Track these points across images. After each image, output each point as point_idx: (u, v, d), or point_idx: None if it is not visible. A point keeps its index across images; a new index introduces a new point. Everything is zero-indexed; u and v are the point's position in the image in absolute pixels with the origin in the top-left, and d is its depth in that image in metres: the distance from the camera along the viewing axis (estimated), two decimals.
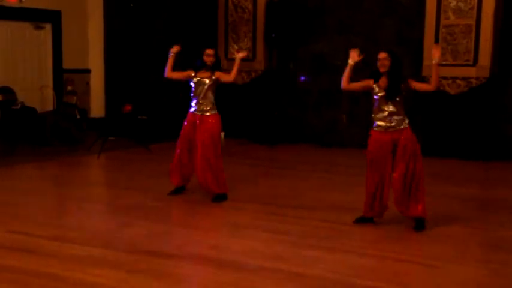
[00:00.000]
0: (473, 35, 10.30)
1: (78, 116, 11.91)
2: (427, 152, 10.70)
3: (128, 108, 10.81)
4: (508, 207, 7.35)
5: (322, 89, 12.01)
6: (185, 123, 7.36)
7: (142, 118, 10.12)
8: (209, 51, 7.24)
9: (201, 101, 7.24)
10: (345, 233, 6.12)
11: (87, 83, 13.00)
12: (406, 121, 6.18)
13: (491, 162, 10.26)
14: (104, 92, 13.62)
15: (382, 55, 6.11)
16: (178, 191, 7.54)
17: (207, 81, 7.22)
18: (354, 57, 6.18)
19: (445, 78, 10.56)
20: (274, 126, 12.07)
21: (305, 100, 12.24)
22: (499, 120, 10.60)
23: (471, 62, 10.36)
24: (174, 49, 7.30)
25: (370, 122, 6.34)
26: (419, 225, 6.18)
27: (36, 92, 12.53)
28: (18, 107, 11.50)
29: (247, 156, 10.78)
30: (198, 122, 7.25)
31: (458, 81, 10.50)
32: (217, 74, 7.29)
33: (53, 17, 12.66)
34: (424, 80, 10.72)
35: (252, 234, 6.03)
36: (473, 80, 10.39)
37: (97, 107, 13.54)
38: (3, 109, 11.27)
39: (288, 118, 12.32)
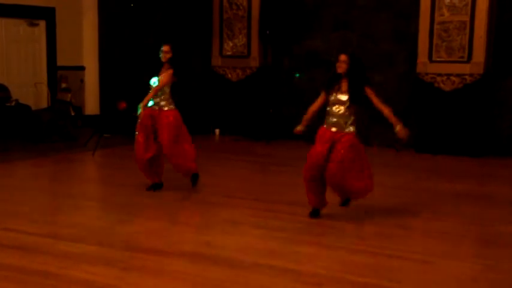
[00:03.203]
0: (467, 31, 10.32)
1: (72, 113, 11.90)
2: (422, 149, 10.78)
3: (122, 105, 10.79)
4: (503, 203, 7.39)
5: (317, 85, 11.99)
6: (142, 118, 7.38)
7: (137, 115, 10.06)
8: (164, 48, 7.29)
9: (157, 96, 7.31)
10: (339, 229, 6.13)
11: (82, 80, 12.98)
12: (352, 128, 6.18)
13: (485, 159, 10.29)
14: (98, 89, 13.60)
15: (342, 57, 6.14)
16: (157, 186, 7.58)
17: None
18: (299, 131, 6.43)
19: (439, 75, 10.60)
20: (269, 123, 12.08)
21: (300, 96, 12.24)
22: (494, 117, 10.63)
23: (465, 59, 10.38)
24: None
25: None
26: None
27: (31, 89, 12.51)
28: (13, 104, 11.48)
29: (242, 153, 10.78)
30: (156, 115, 7.31)
31: (453, 78, 10.52)
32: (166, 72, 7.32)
33: (47, 14, 12.62)
34: (418, 76, 10.76)
35: (246, 230, 6.04)
36: (468, 77, 10.41)
37: (92, 104, 13.51)
38: None
39: (283, 114, 12.32)
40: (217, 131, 12.70)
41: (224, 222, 6.36)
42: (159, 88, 7.29)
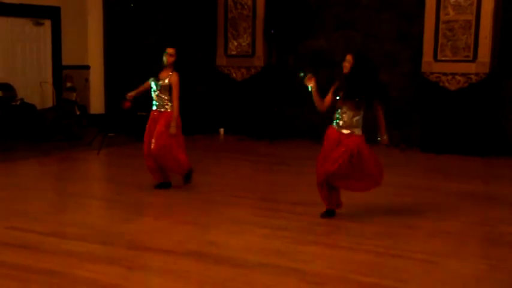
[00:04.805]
0: (472, 30, 10.30)
1: (77, 112, 11.92)
2: (427, 148, 10.77)
3: (127, 104, 10.81)
4: (508, 203, 7.36)
5: (321, 84, 11.98)
6: (148, 122, 7.52)
7: (141, 114, 10.09)
8: (169, 51, 7.32)
9: (159, 99, 7.39)
10: (343, 229, 6.12)
11: (87, 80, 13.01)
12: (357, 131, 6.16)
13: (490, 158, 10.27)
14: (103, 88, 13.63)
15: (347, 57, 6.14)
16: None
17: (166, 81, 7.33)
18: (310, 83, 6.38)
19: (444, 74, 10.57)
20: (273, 122, 12.08)
21: (304, 96, 12.22)
22: (499, 116, 10.60)
23: (471, 58, 10.35)
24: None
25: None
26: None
27: (36, 89, 12.54)
28: (18, 103, 11.52)
29: (246, 152, 10.78)
30: (157, 117, 7.42)
31: (458, 77, 10.50)
32: (174, 78, 7.32)
33: (52, 14, 12.66)
34: (423, 75, 10.75)
35: (250, 230, 6.04)
36: (473, 76, 10.39)
37: (97, 104, 13.54)
38: (2, 106, 11.27)
39: (287, 114, 12.31)
40: (221, 130, 12.71)
41: (228, 221, 6.36)
42: (177, 97, 7.33)
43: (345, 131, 6.18)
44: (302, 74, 11.93)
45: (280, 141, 11.85)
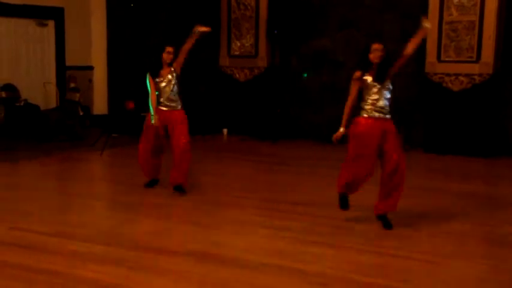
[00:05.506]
0: (476, 31, 10.28)
1: (81, 113, 11.95)
2: (430, 149, 10.76)
3: (130, 105, 10.84)
4: (509, 203, 7.36)
5: (325, 85, 12.01)
6: (155, 120, 7.38)
7: (145, 115, 10.10)
8: (169, 49, 7.37)
9: (172, 97, 7.35)
10: (346, 229, 6.12)
11: (90, 80, 13.04)
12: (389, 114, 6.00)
13: (493, 159, 10.25)
14: (107, 89, 13.65)
15: (379, 46, 5.93)
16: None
17: (170, 76, 7.32)
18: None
19: (447, 74, 10.56)
20: (276, 123, 12.08)
21: (307, 96, 12.25)
22: (502, 117, 10.59)
23: (474, 59, 10.34)
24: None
25: None
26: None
27: (40, 89, 12.57)
28: (22, 104, 11.55)
29: (249, 153, 10.79)
30: (168, 116, 7.34)
31: (461, 78, 10.49)
32: (174, 65, 7.39)
33: (55, 14, 12.69)
34: (427, 76, 10.74)
35: (253, 230, 6.05)
36: (476, 77, 10.37)
37: (100, 104, 13.57)
38: (6, 106, 11.31)
39: (290, 114, 12.32)
40: (225, 130, 12.72)
41: (231, 222, 6.37)
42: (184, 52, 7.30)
43: (382, 116, 5.92)
44: (305, 75, 11.96)
45: (284, 141, 11.85)
